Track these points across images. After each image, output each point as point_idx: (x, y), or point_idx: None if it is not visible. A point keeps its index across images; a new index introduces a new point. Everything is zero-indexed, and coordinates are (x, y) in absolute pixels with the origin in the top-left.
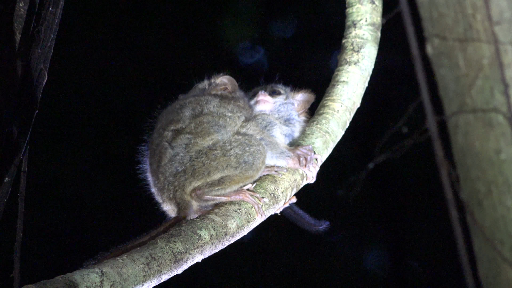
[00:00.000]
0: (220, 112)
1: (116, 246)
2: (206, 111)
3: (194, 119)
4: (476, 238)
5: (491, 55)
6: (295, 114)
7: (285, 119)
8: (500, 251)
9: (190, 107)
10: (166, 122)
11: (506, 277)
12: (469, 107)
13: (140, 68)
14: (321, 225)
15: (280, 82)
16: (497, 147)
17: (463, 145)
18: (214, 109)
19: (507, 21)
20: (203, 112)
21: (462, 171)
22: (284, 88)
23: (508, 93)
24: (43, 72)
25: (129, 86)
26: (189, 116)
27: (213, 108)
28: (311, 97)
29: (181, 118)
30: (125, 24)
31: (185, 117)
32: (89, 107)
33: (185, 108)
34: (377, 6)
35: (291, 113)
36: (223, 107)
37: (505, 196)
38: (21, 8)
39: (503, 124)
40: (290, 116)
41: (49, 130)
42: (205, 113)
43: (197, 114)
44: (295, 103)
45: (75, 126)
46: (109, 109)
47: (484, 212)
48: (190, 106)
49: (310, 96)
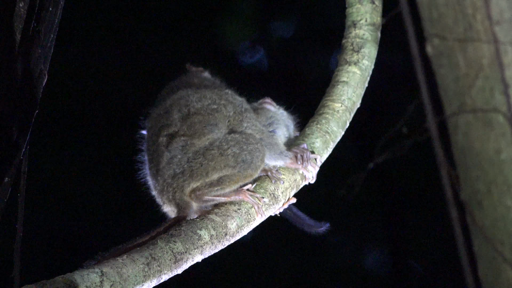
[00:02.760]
0: (205, 107)
1: (116, 246)
2: (193, 111)
3: (185, 121)
4: (476, 238)
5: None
6: (292, 125)
7: (285, 124)
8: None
9: (176, 108)
10: (158, 128)
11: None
12: (469, 107)
13: (140, 68)
14: (322, 227)
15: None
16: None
17: (463, 145)
18: (198, 105)
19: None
20: (191, 112)
21: (462, 171)
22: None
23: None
24: (43, 72)
25: (129, 86)
26: (178, 118)
27: (198, 105)
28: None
29: (171, 122)
30: (125, 24)
31: (175, 120)
32: (89, 107)
33: (172, 111)
34: (377, 6)
35: (290, 122)
36: (204, 98)
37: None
38: (21, 8)
39: (503, 124)
40: (289, 124)
41: (49, 130)
42: (192, 113)
43: (185, 116)
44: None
45: (75, 126)
46: (109, 109)
47: (484, 212)
48: (176, 108)
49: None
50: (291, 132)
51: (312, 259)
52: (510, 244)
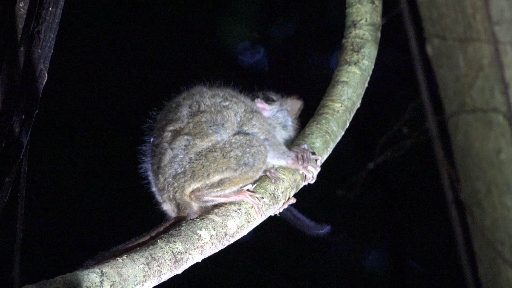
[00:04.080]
0: (217, 104)
1: (116, 246)
2: (203, 108)
3: (193, 118)
4: (476, 238)
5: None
6: (290, 120)
7: (283, 125)
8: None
9: (187, 104)
10: (165, 122)
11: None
12: (469, 107)
13: (140, 68)
14: (322, 229)
15: (271, 89)
16: (497, 147)
17: (463, 145)
18: (210, 101)
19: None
20: (200, 109)
21: (462, 171)
22: (276, 95)
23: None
24: (43, 72)
25: (129, 87)
26: (187, 115)
27: (209, 101)
28: (300, 104)
29: (179, 118)
30: (125, 24)
31: (183, 117)
32: (89, 107)
33: (182, 106)
34: (377, 6)
35: (288, 119)
36: (217, 96)
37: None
38: (21, 8)
39: (503, 124)
40: (287, 122)
41: (49, 130)
42: (202, 110)
43: (194, 113)
44: (288, 109)
45: (75, 126)
46: (109, 109)
47: (484, 212)
48: (187, 104)
49: (300, 103)
50: (289, 126)
51: (312, 259)
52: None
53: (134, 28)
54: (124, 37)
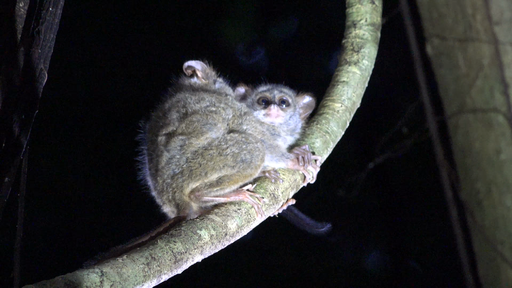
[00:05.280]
0: (204, 108)
1: (116, 246)
2: (191, 111)
3: (184, 120)
4: (476, 238)
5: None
6: (300, 124)
7: (292, 130)
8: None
9: (174, 109)
10: (157, 128)
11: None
12: (469, 107)
13: (141, 68)
14: (323, 227)
15: (286, 86)
16: (497, 147)
17: (463, 145)
18: (197, 106)
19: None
20: (189, 112)
21: (462, 171)
22: (290, 94)
23: (508, 93)
24: (43, 72)
25: (129, 87)
26: (177, 118)
27: (196, 106)
28: (313, 103)
29: (170, 122)
30: (125, 24)
31: (173, 120)
32: (89, 107)
33: (170, 111)
34: (377, 6)
35: (298, 124)
36: (203, 101)
37: (505, 196)
38: (21, 8)
39: (503, 124)
40: (297, 126)
41: (49, 130)
42: (190, 112)
43: (183, 115)
44: (301, 111)
45: (75, 126)
46: (109, 109)
47: (484, 212)
48: (174, 109)
49: (313, 102)
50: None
51: (312, 259)
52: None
53: (134, 28)
54: (124, 38)
